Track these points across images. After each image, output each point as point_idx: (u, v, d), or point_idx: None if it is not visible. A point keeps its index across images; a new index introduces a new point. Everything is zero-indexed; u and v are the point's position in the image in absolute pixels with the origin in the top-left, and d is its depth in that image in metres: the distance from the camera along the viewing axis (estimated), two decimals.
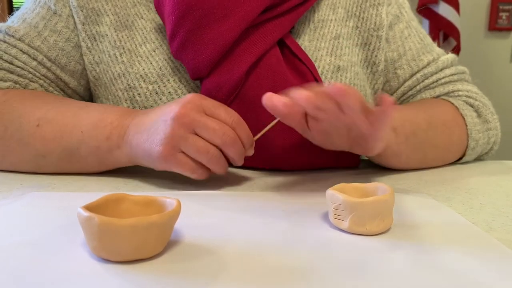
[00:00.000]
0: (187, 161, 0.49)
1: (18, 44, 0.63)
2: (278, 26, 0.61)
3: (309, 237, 0.38)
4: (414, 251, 0.36)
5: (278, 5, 0.62)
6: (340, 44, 0.68)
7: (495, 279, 0.31)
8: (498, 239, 0.39)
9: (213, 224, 0.41)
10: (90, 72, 0.66)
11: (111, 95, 0.65)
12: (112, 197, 0.36)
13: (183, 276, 0.31)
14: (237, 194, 0.51)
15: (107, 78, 0.66)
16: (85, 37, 0.65)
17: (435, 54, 0.74)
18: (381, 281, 0.31)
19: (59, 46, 0.65)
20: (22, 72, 0.63)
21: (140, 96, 0.63)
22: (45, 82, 0.64)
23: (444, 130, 0.65)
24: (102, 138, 0.54)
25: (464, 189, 0.56)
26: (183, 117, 0.48)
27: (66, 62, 0.65)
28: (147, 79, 0.63)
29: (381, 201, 0.38)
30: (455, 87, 0.73)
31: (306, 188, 0.54)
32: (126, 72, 0.64)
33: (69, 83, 0.66)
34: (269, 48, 0.60)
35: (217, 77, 0.60)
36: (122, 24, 0.66)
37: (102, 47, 0.66)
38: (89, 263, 0.32)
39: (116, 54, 0.65)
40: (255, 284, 0.30)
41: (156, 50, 0.65)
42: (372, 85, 0.71)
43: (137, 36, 0.66)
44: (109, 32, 0.65)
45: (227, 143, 0.48)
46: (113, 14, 0.66)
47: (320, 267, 0.32)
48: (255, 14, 0.59)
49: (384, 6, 0.70)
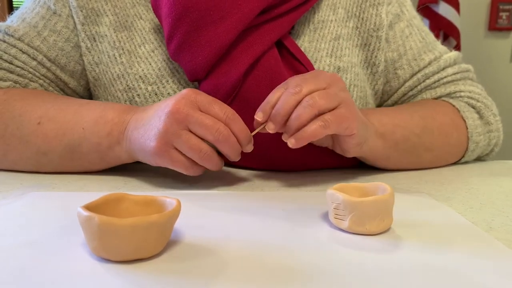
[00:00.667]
0: (180, 158, 0.49)
1: (18, 44, 0.63)
2: (276, 27, 0.61)
3: (309, 237, 0.38)
4: (414, 251, 0.36)
5: (276, 7, 0.61)
6: (340, 45, 0.67)
7: (495, 278, 0.31)
8: (498, 239, 0.39)
9: (212, 224, 0.41)
10: (90, 72, 0.66)
11: (110, 96, 0.65)
12: (112, 196, 0.36)
13: (183, 276, 0.31)
14: (237, 194, 0.51)
15: (107, 79, 0.66)
16: (84, 37, 0.65)
17: (437, 52, 0.73)
18: (381, 280, 0.31)
19: (59, 46, 0.65)
20: (22, 72, 0.63)
21: (139, 97, 0.63)
22: (45, 82, 0.64)
23: (440, 133, 0.65)
24: (103, 135, 0.54)
25: (464, 189, 0.56)
26: (176, 113, 0.48)
27: (65, 62, 0.65)
28: (146, 80, 0.63)
29: (381, 200, 0.38)
30: (457, 87, 0.72)
31: (306, 188, 0.54)
32: (126, 73, 0.64)
33: (69, 83, 0.67)
34: (266, 49, 0.60)
35: (215, 79, 0.59)
36: (121, 24, 0.66)
37: (101, 48, 0.65)
38: (89, 263, 0.32)
39: (115, 54, 0.65)
40: (254, 284, 0.30)
41: (155, 51, 0.65)
42: (372, 86, 0.70)
43: (136, 37, 0.65)
44: (108, 33, 0.65)
45: (219, 140, 0.48)
46: (113, 15, 0.66)
47: (320, 267, 0.32)
48: (252, 16, 0.59)
49: (384, 5, 0.69)
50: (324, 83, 0.50)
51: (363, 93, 0.68)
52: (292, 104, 0.49)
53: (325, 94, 0.49)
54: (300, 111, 0.48)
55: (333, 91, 0.50)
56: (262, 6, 0.59)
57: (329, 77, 0.52)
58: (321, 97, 0.48)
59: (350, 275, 0.31)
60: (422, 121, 0.63)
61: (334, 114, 0.49)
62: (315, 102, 0.48)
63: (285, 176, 0.60)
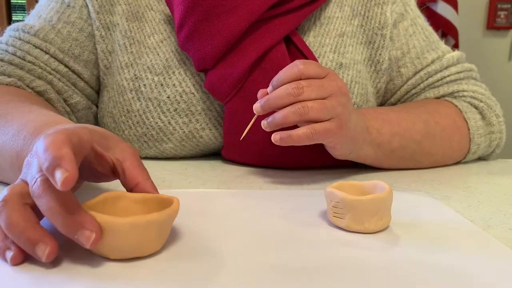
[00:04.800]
0: None
1: (32, 40, 0.63)
2: (285, 23, 0.62)
3: (307, 235, 0.38)
4: (412, 249, 0.36)
5: (287, 2, 0.62)
6: (344, 41, 0.68)
7: (493, 276, 0.31)
8: (496, 237, 0.39)
9: (210, 222, 0.41)
10: (102, 61, 0.67)
11: (116, 84, 0.66)
12: (110, 195, 0.36)
13: (182, 275, 0.31)
14: (235, 192, 0.51)
15: (115, 67, 0.67)
16: (99, 26, 0.66)
17: (440, 51, 0.73)
18: (379, 279, 0.31)
19: (73, 36, 0.66)
20: (31, 67, 0.62)
21: (145, 87, 0.64)
22: (55, 77, 0.64)
23: (442, 137, 0.65)
24: (13, 154, 0.43)
25: (462, 187, 0.56)
26: None
27: (79, 52, 0.66)
28: (153, 70, 0.64)
29: (380, 199, 0.38)
30: (460, 87, 0.71)
31: (305, 186, 0.54)
32: (134, 63, 0.65)
33: (82, 73, 0.67)
34: (275, 44, 0.61)
35: (222, 69, 0.60)
36: (133, 14, 0.67)
37: (114, 37, 0.67)
38: (88, 262, 0.32)
39: (125, 44, 0.66)
40: (252, 282, 0.30)
41: (164, 41, 0.66)
42: (375, 83, 0.71)
43: (146, 28, 0.67)
44: (120, 22, 0.66)
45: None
46: (126, 4, 0.67)
47: (318, 265, 0.32)
48: (264, 8, 0.60)
49: (389, 4, 0.70)
50: (326, 93, 0.51)
51: (364, 90, 0.68)
52: (285, 104, 0.50)
53: (320, 106, 0.49)
54: (288, 114, 0.49)
55: (330, 103, 0.50)
56: (273, 0, 0.60)
57: (336, 87, 0.52)
58: (313, 109, 0.49)
59: (348, 273, 0.31)
60: (424, 126, 0.63)
61: (323, 126, 0.50)
62: (305, 113, 0.49)
63: (283, 174, 0.60)
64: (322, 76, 0.52)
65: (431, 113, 0.65)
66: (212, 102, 0.64)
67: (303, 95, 0.49)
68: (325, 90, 0.50)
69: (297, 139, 0.50)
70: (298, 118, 0.49)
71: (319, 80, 0.51)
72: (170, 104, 0.64)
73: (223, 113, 0.65)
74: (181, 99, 0.64)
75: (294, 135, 0.50)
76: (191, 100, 0.64)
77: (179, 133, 0.64)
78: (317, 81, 0.51)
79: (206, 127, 0.65)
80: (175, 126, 0.64)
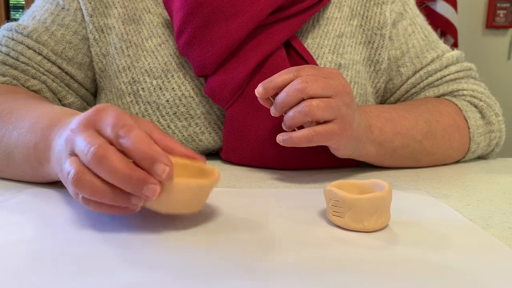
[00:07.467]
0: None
1: (25, 41, 0.63)
2: (285, 28, 0.62)
3: (306, 233, 0.38)
4: (412, 248, 0.36)
5: (287, 7, 0.62)
6: (343, 42, 0.68)
7: (491, 275, 0.31)
8: (495, 236, 0.39)
9: (209, 220, 0.41)
10: (97, 64, 0.67)
11: (114, 88, 0.66)
12: None
13: (180, 275, 0.31)
14: (234, 191, 0.51)
15: (112, 71, 0.66)
16: (92, 29, 0.66)
17: (440, 51, 0.73)
18: (378, 278, 0.31)
19: (66, 39, 0.65)
20: (25, 68, 0.63)
21: (144, 90, 0.64)
22: (48, 78, 0.64)
23: (443, 136, 0.64)
24: (31, 145, 0.45)
25: (461, 186, 0.56)
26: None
27: (73, 54, 0.66)
28: (151, 74, 0.64)
29: (379, 198, 0.38)
30: (459, 86, 0.71)
31: (304, 185, 0.54)
32: (132, 66, 0.65)
33: (76, 75, 0.67)
34: (275, 49, 0.61)
35: (222, 75, 0.60)
36: (130, 17, 0.67)
37: (109, 40, 0.66)
38: (87, 262, 0.32)
39: (122, 47, 0.65)
40: (252, 281, 0.30)
41: (162, 45, 0.65)
42: (374, 83, 0.71)
43: (144, 31, 0.66)
44: (116, 25, 0.66)
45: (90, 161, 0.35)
46: (122, 7, 0.67)
47: (317, 264, 0.32)
48: (264, 14, 0.60)
49: (388, 4, 0.70)
50: (331, 92, 0.50)
51: (363, 90, 0.68)
52: (293, 102, 0.50)
53: (326, 104, 0.49)
54: (295, 114, 0.49)
55: (335, 103, 0.50)
56: (274, 6, 0.60)
57: (340, 86, 0.51)
58: (319, 108, 0.49)
59: (347, 272, 0.31)
60: (426, 125, 0.63)
61: (325, 128, 0.50)
62: (311, 111, 0.49)
63: (282, 172, 0.60)
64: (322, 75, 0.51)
65: (432, 112, 0.65)
66: (212, 105, 0.64)
67: (309, 89, 0.49)
68: (331, 88, 0.50)
69: (297, 141, 0.50)
70: (304, 117, 0.49)
71: (324, 74, 0.51)
72: (169, 108, 0.63)
73: (222, 117, 0.65)
74: (180, 103, 0.63)
75: (294, 136, 0.50)
76: (191, 104, 0.64)
77: (179, 137, 0.64)
78: (323, 75, 0.51)
79: (206, 131, 0.65)
80: (174, 129, 0.64)
